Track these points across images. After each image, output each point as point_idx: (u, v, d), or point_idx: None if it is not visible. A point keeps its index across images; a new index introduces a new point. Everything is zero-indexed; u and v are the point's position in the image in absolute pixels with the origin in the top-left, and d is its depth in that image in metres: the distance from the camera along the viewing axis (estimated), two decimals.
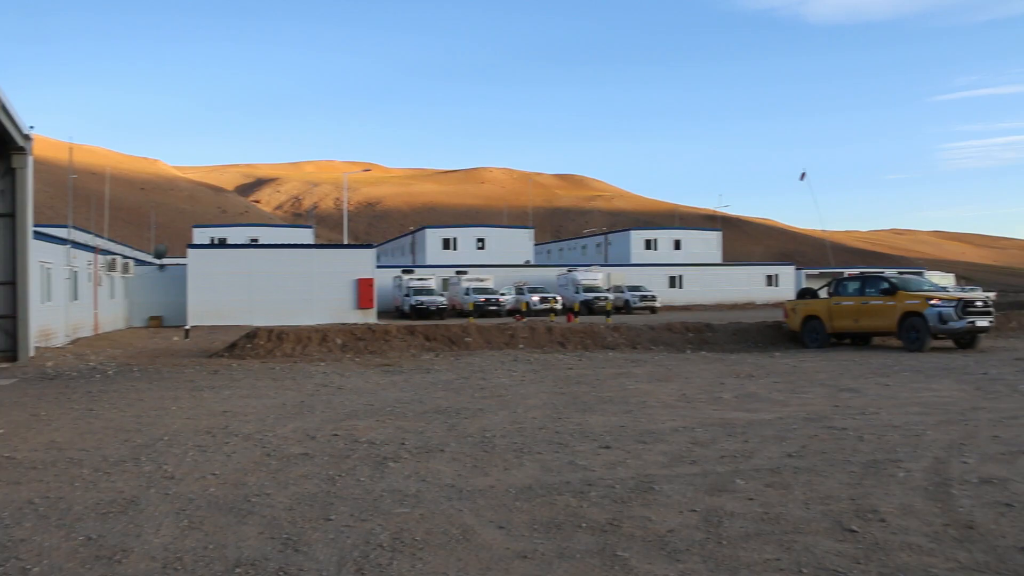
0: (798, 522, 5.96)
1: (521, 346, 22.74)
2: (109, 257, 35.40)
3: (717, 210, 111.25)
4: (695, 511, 6.26)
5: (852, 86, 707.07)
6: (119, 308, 38.67)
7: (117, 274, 36.50)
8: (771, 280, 69.52)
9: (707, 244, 78.77)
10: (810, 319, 23.90)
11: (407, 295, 46.95)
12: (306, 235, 69.63)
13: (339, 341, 22.02)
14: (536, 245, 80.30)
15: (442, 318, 42.90)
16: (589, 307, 47.46)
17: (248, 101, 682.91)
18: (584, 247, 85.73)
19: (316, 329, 23.07)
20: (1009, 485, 7.02)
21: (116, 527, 5.96)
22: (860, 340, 23.97)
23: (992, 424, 10.19)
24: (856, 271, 56.75)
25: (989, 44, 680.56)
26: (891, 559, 5.19)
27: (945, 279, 79.13)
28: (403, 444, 9.07)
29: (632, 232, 78.98)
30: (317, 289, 41.20)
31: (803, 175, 38.44)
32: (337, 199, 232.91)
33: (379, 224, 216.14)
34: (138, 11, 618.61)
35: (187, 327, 33.58)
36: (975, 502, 6.50)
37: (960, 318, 21.23)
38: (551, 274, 57.99)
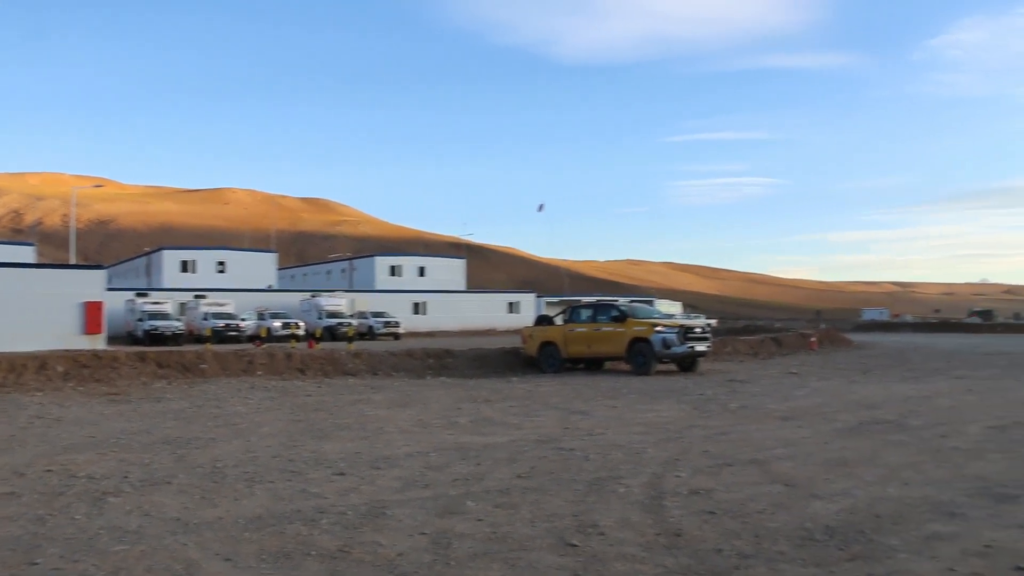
0: (524, 540, 6.19)
1: (260, 373, 22.14)
2: None
3: (462, 238, 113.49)
4: (425, 534, 6.34)
5: (592, 123, 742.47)
6: None
7: None
8: (512, 307, 71.58)
9: (452, 271, 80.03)
10: (546, 345, 24.79)
11: (140, 320, 44.51)
12: (27, 253, 64.43)
13: (60, 369, 20.53)
14: (280, 269, 78.55)
15: (178, 344, 40.95)
16: (332, 333, 46.91)
17: None
18: (329, 272, 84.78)
19: (34, 356, 21.38)
20: (714, 495, 7.63)
21: None
22: (593, 365, 25.09)
23: (704, 440, 11.04)
24: (592, 299, 59.46)
25: (711, 94, 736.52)
26: (607, 569, 5.50)
27: (674, 307, 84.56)
28: (126, 477, 8.60)
29: (377, 258, 79.06)
30: (38, 313, 38.05)
31: (541, 207, 40.49)
32: (65, 215, 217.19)
33: (112, 244, 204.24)
34: None
35: None
36: (684, 512, 7.01)
37: (682, 343, 22.78)
38: (294, 299, 56.91)
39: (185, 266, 66.61)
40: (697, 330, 23.97)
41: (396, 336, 51.27)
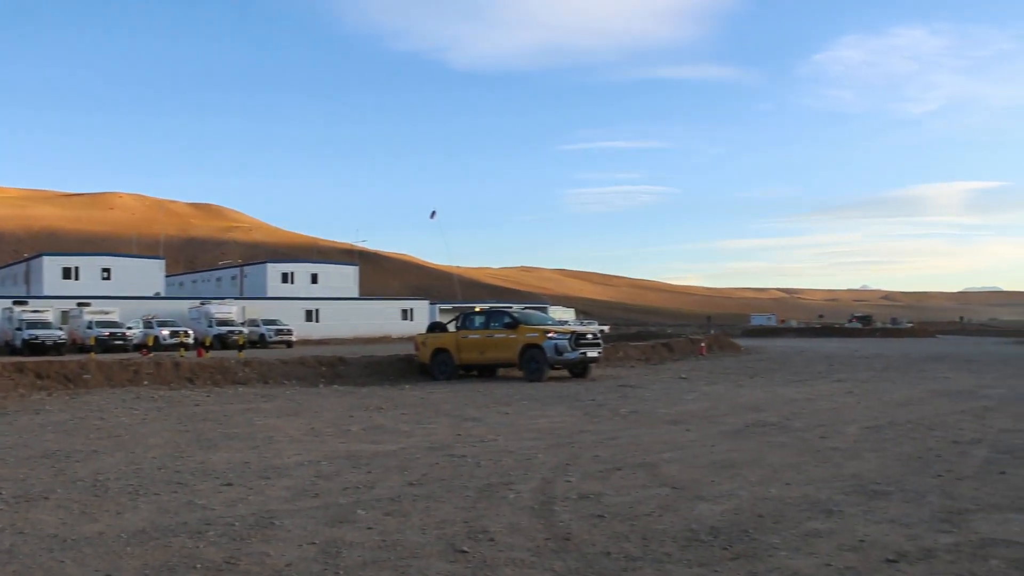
0: (414, 547, 6.17)
1: (146, 383, 21.51)
2: None
3: (355, 245, 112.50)
4: (314, 543, 6.27)
5: (487, 131, 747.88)
6: None
7: None
8: (406, 314, 71.15)
9: (345, 278, 79.09)
10: (439, 352, 24.76)
11: (19, 329, 42.59)
12: None
13: None
14: (168, 276, 76.40)
15: (60, 354, 39.33)
16: (223, 341, 45.84)
17: None
18: (219, 279, 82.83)
19: None
20: (603, 499, 7.74)
21: None
22: (486, 371, 25.16)
23: (595, 445, 11.19)
24: (485, 306, 59.62)
25: (605, 103, 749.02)
26: (497, 574, 5.52)
27: (567, 314, 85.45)
28: None
29: (269, 265, 77.60)
30: None
31: (433, 213, 39.82)
32: None
33: None
34: None
35: None
36: (573, 516, 7.09)
37: (574, 349, 23.04)
38: (183, 307, 55.34)
39: (67, 273, 64.16)
40: (589, 336, 24.29)
41: (289, 344, 50.41)
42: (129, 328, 45.04)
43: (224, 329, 48.55)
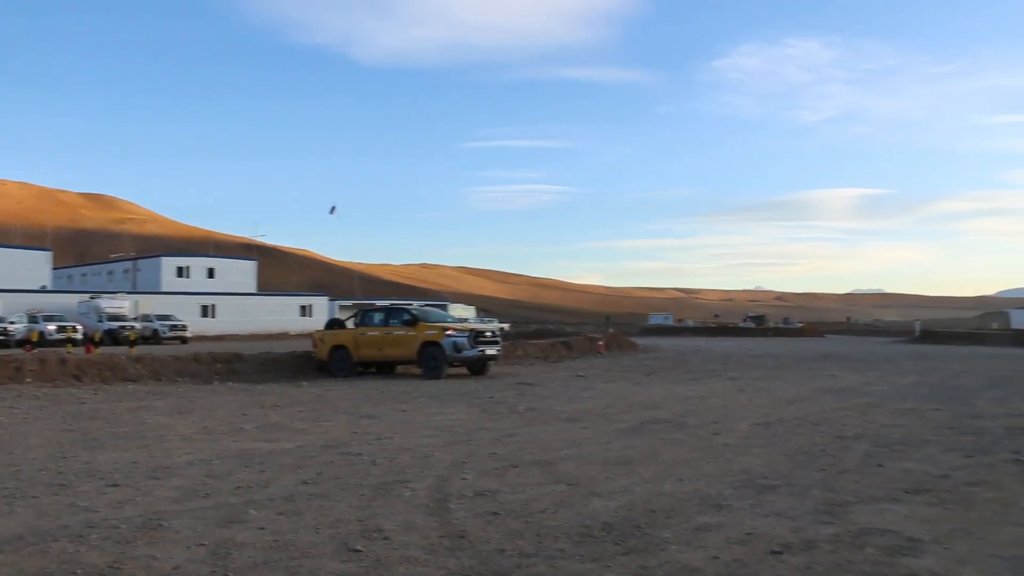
0: (307, 547, 6.08)
1: (29, 380, 20.70)
2: None
3: (254, 239, 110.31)
4: (204, 545, 6.12)
5: (391, 127, 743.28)
6: None
7: None
8: (306, 310, 70.30)
9: (243, 273, 77.63)
10: (337, 348, 24.51)
11: None
12: None
13: None
14: (56, 269, 73.63)
15: None
16: (114, 337, 44.46)
17: None
18: (111, 273, 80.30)
19: None
20: (499, 496, 7.77)
21: None
22: (385, 369, 25.01)
23: (492, 442, 11.23)
24: (386, 303, 59.25)
25: (510, 103, 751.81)
26: (391, 573, 5.49)
27: (467, 311, 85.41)
28: None
29: (164, 258, 75.59)
30: None
31: (333, 209, 39.44)
32: None
33: None
34: None
35: None
36: (468, 513, 7.09)
37: (472, 347, 23.07)
38: (72, 301, 53.51)
39: None
40: (488, 334, 24.35)
41: (183, 340, 49.20)
42: (12, 323, 43.32)
43: (115, 324, 47.12)
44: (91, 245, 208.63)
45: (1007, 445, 11.08)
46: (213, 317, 62.52)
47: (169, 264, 73.59)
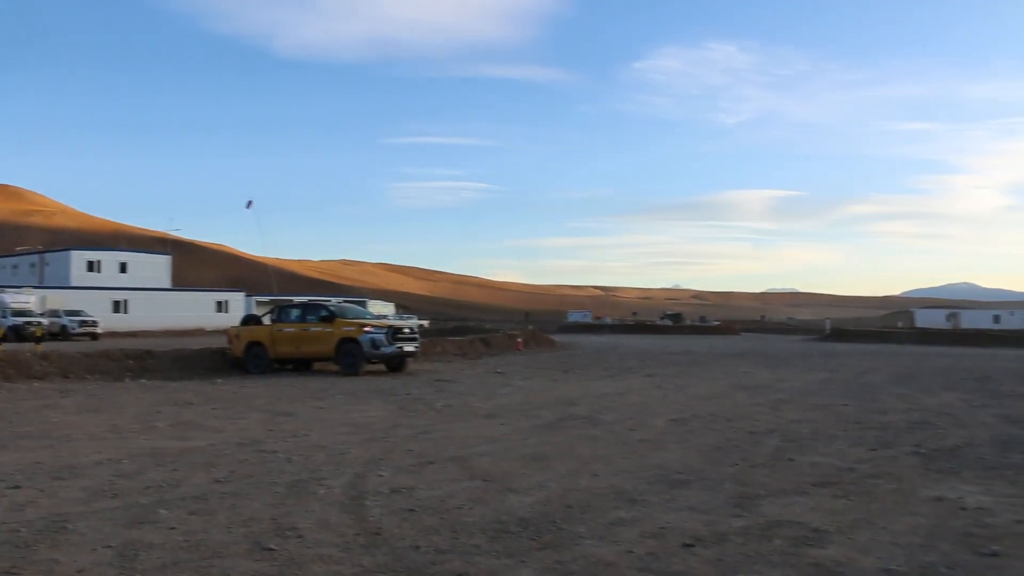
0: (218, 546, 5.98)
1: None
2: None
3: (169, 233, 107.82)
4: (110, 547, 5.96)
5: (310, 121, 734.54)
6: None
7: None
8: (222, 306, 69.14)
9: (156, 268, 75.89)
10: (253, 345, 24.13)
11: None
12: None
13: None
14: None
15: None
16: (19, 333, 42.87)
17: None
18: (16, 266, 77.63)
19: None
20: (415, 493, 7.75)
21: None
22: (302, 365, 24.73)
23: (408, 439, 11.19)
24: (304, 299, 58.54)
25: (432, 99, 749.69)
26: (304, 571, 5.42)
27: (387, 308, 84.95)
28: None
29: (73, 252, 73.43)
30: None
31: (249, 203, 38.35)
32: None
33: None
34: None
35: None
36: (384, 510, 7.06)
37: (390, 344, 22.98)
38: None
39: None
40: (406, 330, 24.29)
41: (94, 336, 47.91)
42: None
43: (20, 320, 45.60)
44: None
45: (908, 439, 11.48)
46: (126, 313, 61.04)
47: (79, 258, 71.50)
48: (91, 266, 70.75)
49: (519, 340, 39.03)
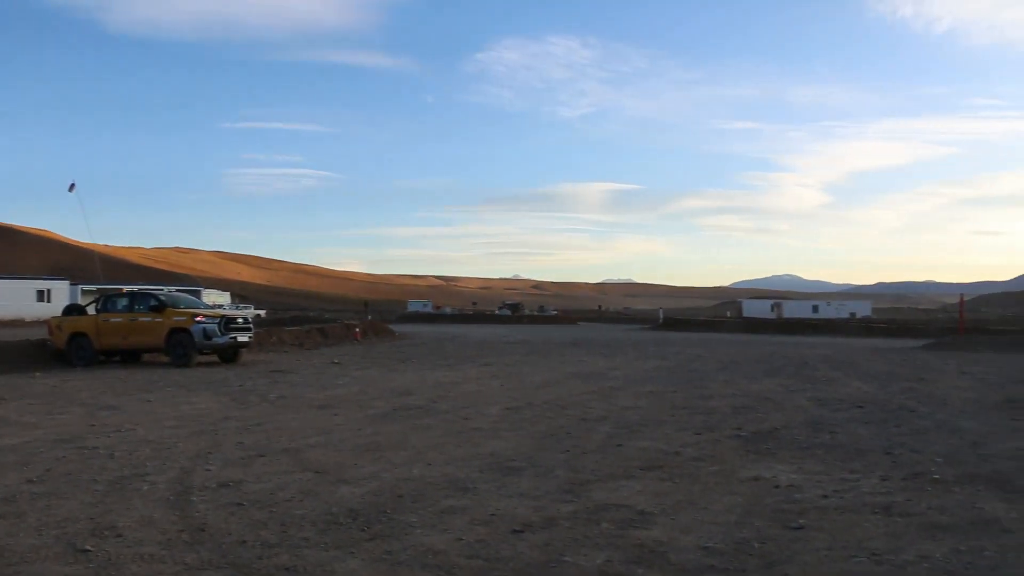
0: (27, 551, 5.66)
1: None
2: None
3: None
4: None
5: (143, 101, 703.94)
6: None
7: None
8: (43, 295, 65.56)
9: None
10: (77, 336, 22.99)
11: None
12: None
13: None
14: None
15: None
16: None
17: None
18: None
19: None
20: (243, 486, 7.59)
21: None
22: (130, 357, 23.77)
23: (239, 431, 10.95)
24: (134, 288, 56.22)
25: (271, 83, 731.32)
26: (122, 572, 5.23)
27: (222, 297, 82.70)
28: None
29: None
30: None
31: (72, 186, 36.32)
32: None
33: None
34: None
35: None
36: (211, 505, 6.88)
37: (223, 334, 22.36)
38: None
39: None
40: (240, 320, 23.73)
41: None
42: None
43: None
44: None
45: (731, 422, 12.03)
46: None
47: None
48: None
49: (357, 330, 38.64)
